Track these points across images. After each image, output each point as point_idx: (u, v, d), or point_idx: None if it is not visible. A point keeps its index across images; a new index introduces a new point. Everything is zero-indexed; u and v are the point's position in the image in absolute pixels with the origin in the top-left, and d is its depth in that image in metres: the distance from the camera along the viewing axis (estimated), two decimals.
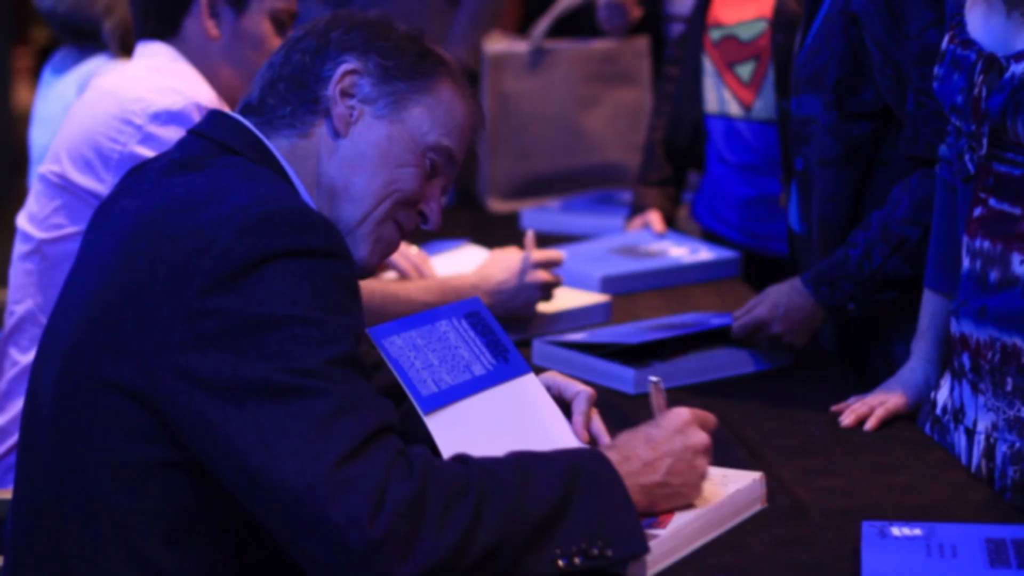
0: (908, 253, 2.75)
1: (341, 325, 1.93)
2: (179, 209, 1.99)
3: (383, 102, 2.18)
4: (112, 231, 2.06)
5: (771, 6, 3.47)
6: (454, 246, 3.57)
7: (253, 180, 2.04)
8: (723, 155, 3.66)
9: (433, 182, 2.23)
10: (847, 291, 2.79)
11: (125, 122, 2.78)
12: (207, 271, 1.91)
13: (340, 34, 2.20)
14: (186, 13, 2.93)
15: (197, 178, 2.06)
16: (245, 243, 1.92)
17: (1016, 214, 2.26)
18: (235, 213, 1.94)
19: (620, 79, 4.43)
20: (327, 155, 2.17)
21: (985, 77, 2.27)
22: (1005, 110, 2.23)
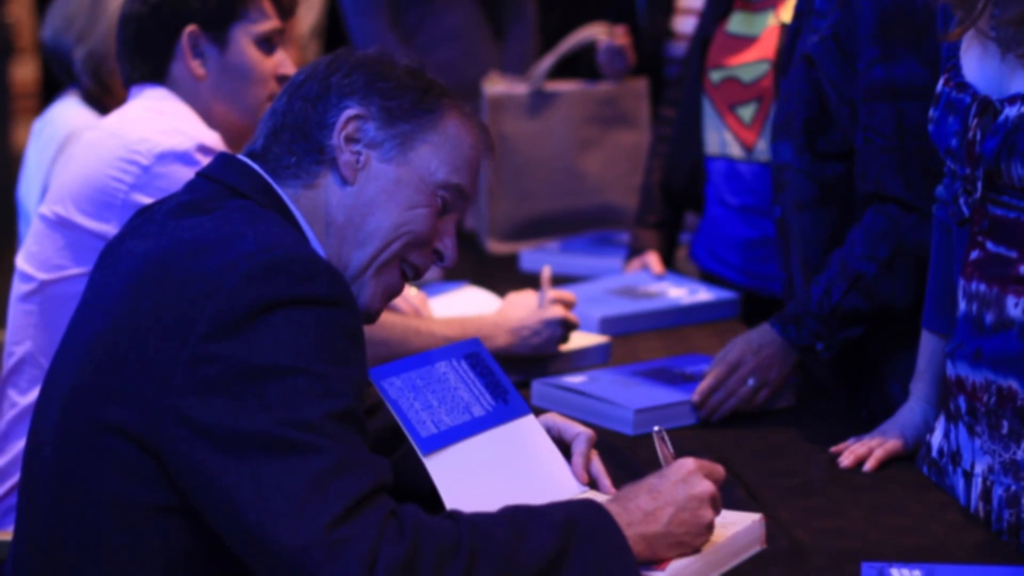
0: (864, 288, 2.77)
1: (343, 377, 1.93)
2: (186, 253, 1.99)
3: (388, 145, 2.18)
4: (118, 273, 2.06)
5: (774, 48, 3.48)
6: (454, 288, 3.57)
7: (260, 225, 2.04)
8: (723, 197, 3.66)
9: (445, 219, 2.23)
10: (812, 329, 2.80)
11: (130, 162, 2.79)
12: (211, 317, 1.91)
13: (340, 77, 2.20)
14: (171, 58, 2.94)
15: (204, 221, 2.05)
16: (250, 290, 1.91)
17: (1012, 257, 2.26)
18: (241, 259, 1.94)
19: (619, 121, 4.44)
20: (335, 203, 2.16)
21: (979, 120, 2.28)
22: (999, 153, 2.23)
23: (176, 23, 2.92)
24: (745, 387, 2.79)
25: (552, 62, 4.39)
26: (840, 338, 2.81)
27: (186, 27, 2.92)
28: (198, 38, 2.93)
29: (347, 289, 2.00)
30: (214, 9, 2.92)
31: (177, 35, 2.92)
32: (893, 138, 2.71)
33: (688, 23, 4.21)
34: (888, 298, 2.77)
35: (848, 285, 2.78)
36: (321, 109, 2.17)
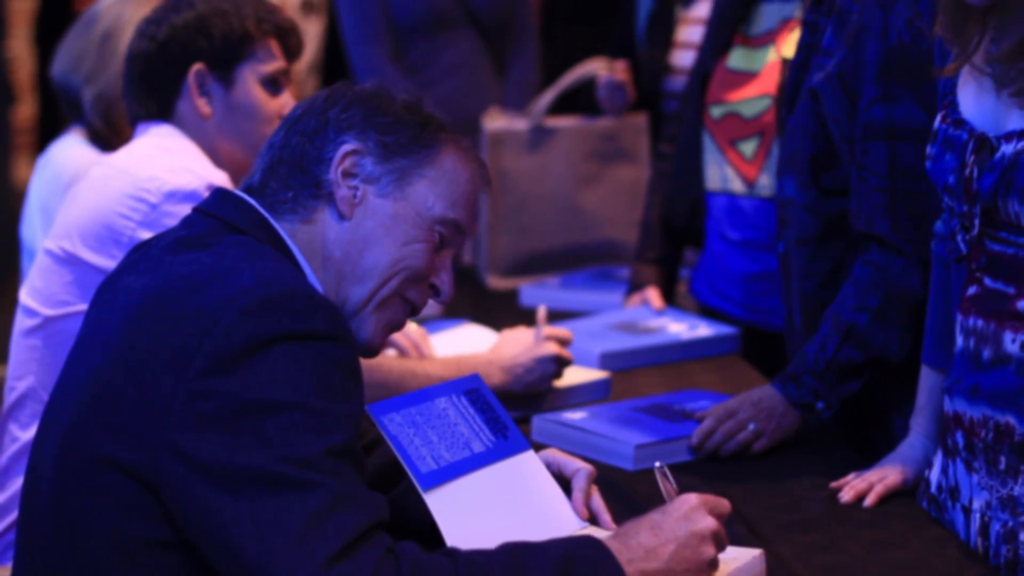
0: (857, 339, 2.78)
1: (341, 413, 1.93)
2: (183, 289, 1.99)
3: (386, 180, 2.18)
4: (116, 309, 2.06)
5: (775, 83, 3.49)
6: (454, 325, 3.57)
7: (258, 260, 2.04)
8: (725, 232, 3.66)
9: (442, 253, 2.23)
10: (810, 386, 2.80)
11: (138, 199, 2.79)
12: (208, 352, 1.91)
13: (338, 112, 2.20)
14: (177, 96, 2.95)
15: (202, 256, 2.06)
16: (247, 325, 1.91)
17: (1009, 293, 2.27)
18: (238, 294, 1.94)
19: (619, 156, 4.45)
20: (333, 238, 2.16)
21: (976, 157, 2.28)
22: (996, 190, 2.24)
23: (183, 61, 2.93)
24: (745, 431, 2.78)
25: (552, 97, 4.40)
26: (839, 394, 2.81)
27: (193, 65, 2.93)
28: (205, 77, 2.94)
29: (344, 324, 2.00)
30: (221, 49, 2.94)
31: (184, 73, 2.94)
32: (885, 178, 2.72)
33: (686, 57, 4.22)
34: (882, 347, 2.78)
35: (842, 338, 2.79)
36: (318, 144, 2.18)
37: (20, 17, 9.66)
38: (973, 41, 2.32)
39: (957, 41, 2.35)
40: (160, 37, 2.94)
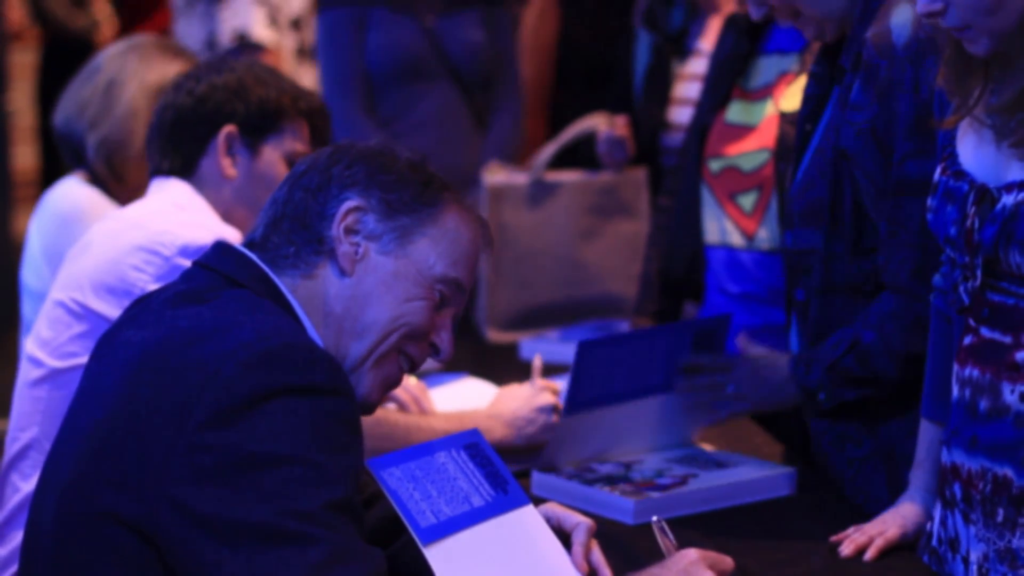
0: (859, 354, 2.81)
1: (340, 466, 1.93)
2: (184, 342, 1.99)
3: (388, 237, 2.19)
4: (116, 362, 2.07)
5: (773, 137, 3.50)
6: (453, 379, 3.57)
7: (258, 314, 2.05)
8: (724, 285, 3.66)
9: (443, 312, 2.23)
10: (817, 376, 2.85)
11: (152, 252, 2.80)
12: (208, 405, 1.91)
13: (342, 169, 2.21)
14: (203, 153, 2.97)
15: (202, 310, 2.06)
16: (248, 378, 1.92)
17: (1007, 343, 2.27)
18: (239, 348, 1.94)
19: (619, 211, 4.46)
20: (333, 294, 2.17)
21: (977, 208, 2.29)
22: (997, 241, 2.24)
23: (216, 120, 2.96)
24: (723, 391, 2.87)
25: (552, 152, 4.41)
26: (839, 395, 2.85)
27: (225, 126, 2.95)
28: (234, 140, 2.96)
29: (345, 378, 2.01)
30: (256, 116, 2.96)
31: (214, 132, 2.96)
32: (916, 235, 2.72)
33: (683, 113, 4.23)
34: (877, 371, 2.81)
35: (848, 346, 2.82)
36: (321, 200, 2.19)
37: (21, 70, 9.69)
38: (974, 94, 2.33)
39: (958, 93, 2.36)
40: (198, 92, 2.97)
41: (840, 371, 2.84)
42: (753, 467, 2.88)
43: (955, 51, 2.35)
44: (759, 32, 3.58)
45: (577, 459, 2.91)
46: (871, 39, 2.79)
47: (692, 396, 2.95)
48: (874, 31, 2.78)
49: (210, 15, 6.24)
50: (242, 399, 1.91)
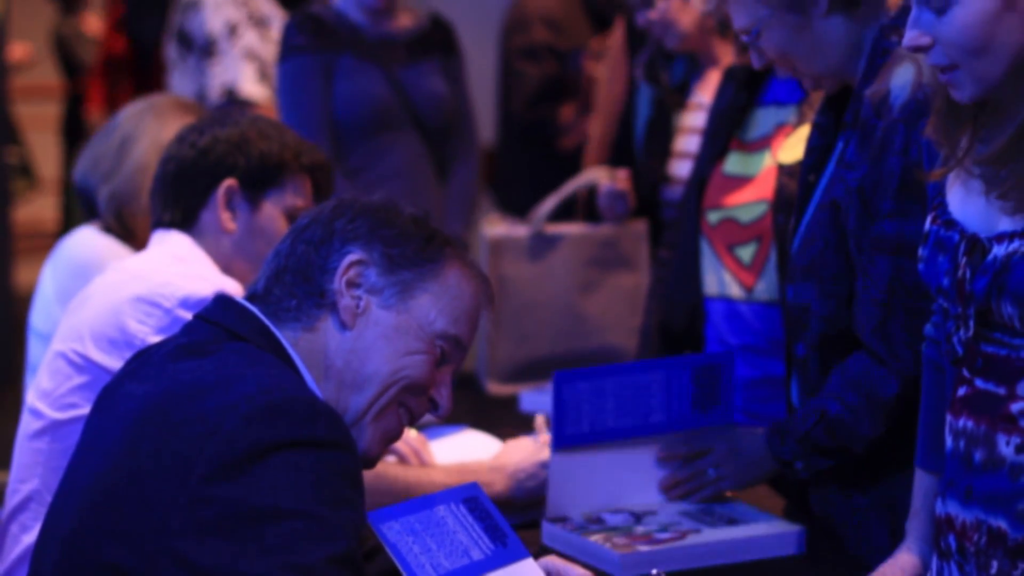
0: (827, 425, 2.83)
1: (342, 520, 1.93)
2: (185, 395, 2.00)
3: (389, 291, 2.19)
4: (117, 415, 2.07)
5: (771, 188, 3.50)
6: (453, 431, 3.57)
7: (259, 367, 2.05)
8: (724, 337, 3.66)
9: (442, 368, 2.24)
10: (791, 447, 2.86)
11: (153, 304, 2.81)
12: (210, 458, 1.91)
13: (344, 223, 2.22)
14: (204, 205, 2.98)
15: (203, 363, 2.07)
16: (250, 432, 1.92)
17: (1000, 394, 2.27)
18: (241, 401, 1.95)
19: (619, 263, 4.47)
20: (334, 347, 2.17)
21: (968, 259, 2.29)
22: (989, 292, 2.24)
23: (217, 173, 2.97)
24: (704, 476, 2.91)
25: (553, 205, 4.42)
26: (815, 464, 2.87)
27: (225, 180, 2.96)
28: (234, 193, 2.97)
29: (346, 431, 2.02)
30: (257, 171, 2.97)
31: (215, 185, 2.97)
32: (884, 292, 2.74)
33: (684, 166, 4.25)
34: (847, 440, 2.83)
35: (817, 418, 2.84)
36: (324, 253, 2.19)
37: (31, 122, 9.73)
38: (962, 145, 2.34)
39: (947, 144, 2.36)
40: (200, 145, 2.98)
41: (811, 442, 2.86)
42: (762, 524, 2.87)
43: (944, 101, 2.35)
44: (757, 84, 3.59)
45: (589, 507, 2.90)
46: (869, 98, 2.80)
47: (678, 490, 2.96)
48: (873, 90, 2.79)
49: (200, 70, 6.27)
50: (244, 452, 1.91)
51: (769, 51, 2.94)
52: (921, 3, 2.27)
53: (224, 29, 6.15)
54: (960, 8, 2.23)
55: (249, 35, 6.09)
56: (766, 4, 2.88)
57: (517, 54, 6.04)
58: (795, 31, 2.90)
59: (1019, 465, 2.24)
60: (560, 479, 2.87)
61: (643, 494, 2.96)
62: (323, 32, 4.69)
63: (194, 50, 6.25)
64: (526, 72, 6.00)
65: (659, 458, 2.93)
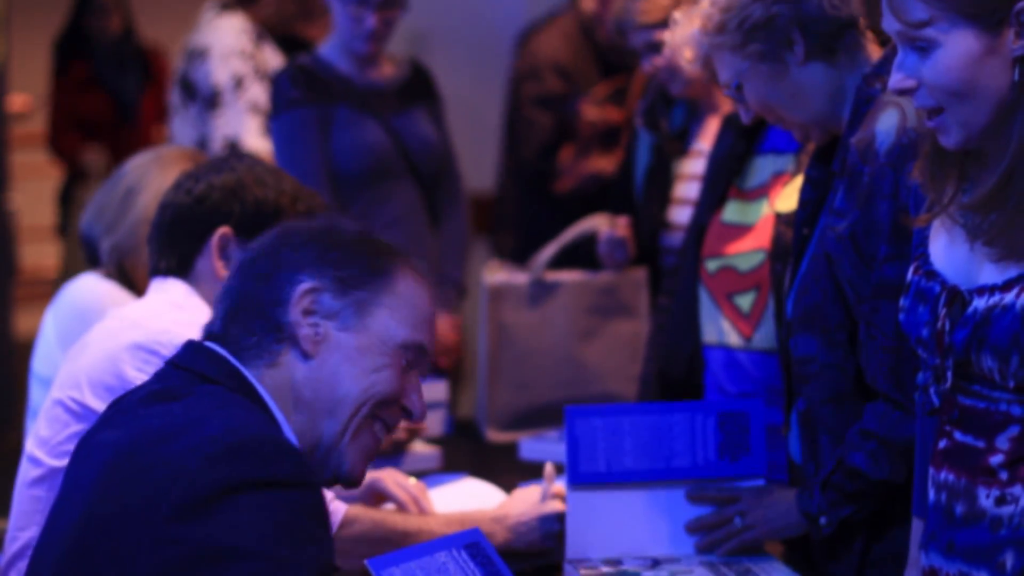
0: (847, 470, 2.82)
1: (305, 560, 1.93)
2: (153, 440, 2.01)
3: (346, 313, 2.19)
4: (91, 464, 2.08)
5: (769, 237, 3.51)
6: (453, 479, 3.56)
7: (228, 409, 2.06)
8: (723, 385, 3.66)
9: (410, 375, 2.24)
10: (816, 499, 2.84)
11: (151, 352, 2.80)
12: (174, 499, 1.92)
13: (291, 252, 2.21)
14: (199, 252, 2.97)
15: (173, 408, 2.07)
16: (213, 472, 1.93)
17: (979, 447, 2.26)
18: (205, 443, 1.96)
19: (619, 311, 4.46)
20: (300, 378, 2.17)
21: (948, 311, 2.28)
22: (969, 345, 2.23)
23: (213, 221, 2.96)
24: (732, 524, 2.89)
25: (553, 252, 4.42)
26: (838, 514, 2.84)
27: (220, 227, 2.96)
28: (228, 241, 2.96)
29: (310, 470, 2.02)
30: (251, 218, 2.96)
31: (210, 232, 2.96)
32: (893, 338, 2.73)
33: (683, 213, 4.25)
34: (867, 485, 2.82)
35: (836, 464, 2.83)
36: (274, 286, 2.19)
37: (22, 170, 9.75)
38: (948, 191, 2.33)
39: (933, 189, 2.36)
40: (196, 192, 2.98)
41: (833, 488, 2.84)
42: None
43: (932, 146, 2.35)
44: (756, 132, 3.60)
45: (610, 550, 2.88)
46: (855, 144, 2.81)
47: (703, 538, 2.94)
48: (859, 136, 2.80)
49: (203, 119, 6.29)
50: (207, 493, 1.92)
51: (752, 102, 2.95)
52: (906, 46, 2.28)
53: (230, 81, 6.17)
54: (943, 51, 2.23)
55: (255, 88, 6.10)
56: (744, 56, 2.90)
57: (528, 102, 6.06)
58: (774, 81, 2.91)
59: (999, 518, 2.23)
60: (578, 518, 2.86)
61: (668, 541, 2.93)
62: (316, 84, 4.70)
63: (197, 99, 6.26)
64: (538, 121, 6.02)
65: (688, 496, 2.92)
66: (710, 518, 2.93)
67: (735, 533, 2.91)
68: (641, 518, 2.91)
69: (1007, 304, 2.20)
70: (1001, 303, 2.21)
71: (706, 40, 2.97)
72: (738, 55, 2.91)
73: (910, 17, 2.24)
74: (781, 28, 2.89)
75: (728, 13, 2.91)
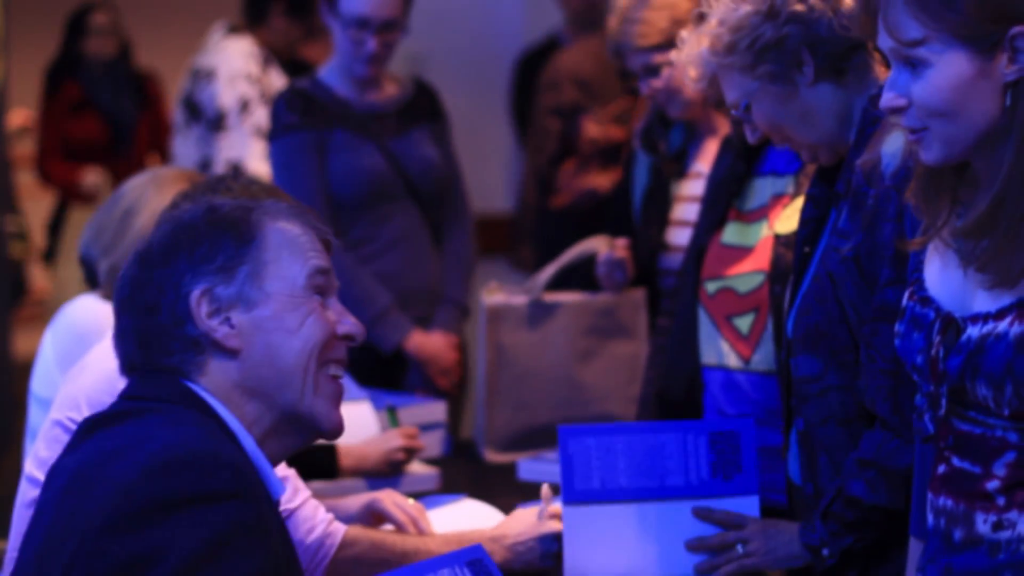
0: (846, 499, 2.81)
1: (240, 574, 1.93)
2: (102, 461, 2.02)
3: (244, 294, 2.18)
4: (53, 490, 2.10)
5: (768, 259, 3.51)
6: (451, 500, 3.56)
7: (175, 426, 2.06)
8: (721, 406, 3.66)
9: (328, 303, 2.24)
10: (819, 530, 2.83)
11: None
12: (109, 512, 1.94)
13: (163, 271, 2.19)
14: None
15: (126, 429, 2.08)
16: (146, 487, 1.94)
17: (977, 473, 2.26)
18: (144, 458, 1.97)
19: (617, 332, 4.46)
20: (238, 376, 2.17)
21: (942, 338, 2.28)
22: (963, 373, 2.23)
23: None
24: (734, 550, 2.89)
25: (552, 273, 4.42)
26: (839, 544, 2.83)
27: None
28: None
29: (248, 481, 2.02)
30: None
31: None
32: (891, 362, 2.73)
33: (682, 235, 4.25)
34: (867, 513, 2.81)
35: (835, 494, 2.82)
36: (167, 306, 2.18)
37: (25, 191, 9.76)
38: (942, 214, 2.33)
39: (926, 211, 2.35)
40: None
41: (833, 518, 2.84)
42: None
43: (925, 167, 2.35)
44: (755, 153, 3.60)
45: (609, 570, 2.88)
46: (860, 166, 2.81)
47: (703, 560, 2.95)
48: (865, 158, 2.80)
49: (206, 140, 6.29)
50: (142, 507, 1.93)
51: (760, 123, 2.95)
52: (899, 64, 2.28)
53: (236, 105, 6.18)
54: (934, 71, 2.23)
55: (260, 112, 6.11)
56: (754, 77, 2.90)
57: (545, 112, 6.09)
58: (784, 101, 2.92)
59: (996, 542, 2.23)
60: (575, 535, 2.86)
61: (666, 560, 2.93)
62: (313, 108, 4.70)
63: (202, 120, 6.27)
64: (551, 129, 6.04)
65: (694, 514, 2.92)
66: (712, 540, 2.93)
67: (736, 559, 2.91)
68: (638, 536, 2.91)
69: (1000, 333, 2.20)
70: (995, 331, 2.20)
71: (715, 60, 2.97)
72: (748, 75, 2.92)
73: (904, 35, 2.25)
74: (791, 49, 2.90)
75: (738, 33, 2.91)
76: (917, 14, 2.23)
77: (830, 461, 2.92)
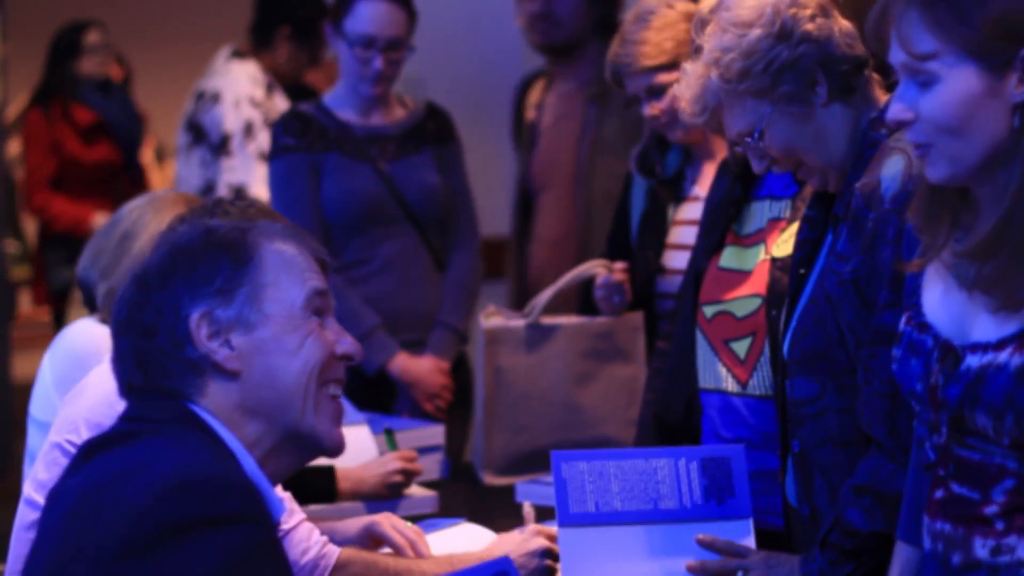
0: (843, 527, 2.81)
1: None
2: (108, 483, 2.02)
3: (243, 315, 2.18)
4: (56, 512, 2.10)
5: (765, 283, 3.51)
6: (450, 523, 3.56)
7: (180, 449, 2.06)
8: (719, 430, 3.66)
9: (326, 323, 2.24)
10: (818, 560, 2.83)
11: None
12: (122, 536, 1.94)
13: (161, 294, 2.20)
14: None
15: (131, 450, 2.08)
16: (161, 511, 1.94)
17: (975, 499, 2.25)
18: (155, 482, 1.97)
19: (615, 355, 4.46)
20: (238, 397, 2.17)
21: (941, 366, 2.27)
22: (963, 402, 2.23)
23: None
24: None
25: (550, 296, 4.42)
26: (839, 575, 2.82)
27: None
28: None
29: (259, 503, 2.02)
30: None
31: None
32: (888, 384, 2.73)
33: (679, 258, 4.25)
34: (865, 541, 2.80)
35: (832, 523, 2.82)
36: (167, 333, 2.18)
37: None
38: (941, 236, 2.33)
39: (927, 231, 2.35)
40: None
41: (831, 547, 2.83)
42: None
43: (927, 187, 2.34)
44: (752, 177, 3.60)
45: None
46: (860, 189, 2.81)
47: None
48: (864, 181, 2.80)
49: (207, 163, 6.30)
50: (154, 531, 1.93)
51: (774, 148, 2.94)
52: (908, 77, 2.28)
53: (240, 128, 6.19)
54: (943, 85, 2.24)
55: (263, 136, 6.12)
56: (768, 100, 2.90)
57: None
58: (800, 123, 2.92)
59: (995, 567, 2.23)
60: (572, 558, 2.87)
61: None
62: (310, 131, 4.72)
63: (205, 143, 6.28)
64: None
65: (698, 542, 2.92)
66: (713, 565, 2.93)
67: None
68: (635, 559, 2.91)
69: (1000, 364, 2.20)
70: (995, 362, 2.20)
71: (727, 88, 2.95)
72: (764, 99, 2.91)
73: (917, 49, 2.25)
74: (806, 68, 2.91)
75: (751, 58, 2.91)
76: (931, 27, 2.23)
77: (826, 483, 2.93)
